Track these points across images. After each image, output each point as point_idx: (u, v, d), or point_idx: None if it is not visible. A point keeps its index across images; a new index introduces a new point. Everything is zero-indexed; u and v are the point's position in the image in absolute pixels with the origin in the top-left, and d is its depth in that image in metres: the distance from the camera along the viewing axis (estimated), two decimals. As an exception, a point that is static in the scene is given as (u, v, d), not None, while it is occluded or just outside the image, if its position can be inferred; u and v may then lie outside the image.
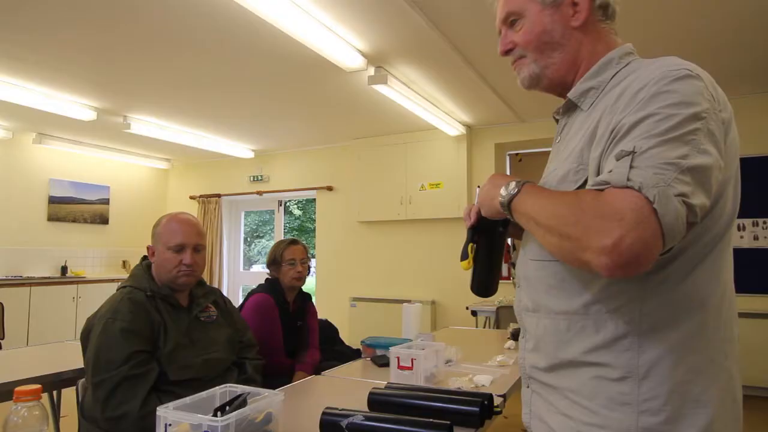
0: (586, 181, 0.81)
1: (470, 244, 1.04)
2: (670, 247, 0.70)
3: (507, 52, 0.98)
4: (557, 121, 1.01)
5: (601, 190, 0.71)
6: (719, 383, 0.79)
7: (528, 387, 0.97)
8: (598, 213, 0.69)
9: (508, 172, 5.83)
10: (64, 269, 6.19)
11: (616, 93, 0.82)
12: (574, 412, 0.83)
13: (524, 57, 0.96)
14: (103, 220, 6.80)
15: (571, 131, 0.92)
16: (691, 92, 0.74)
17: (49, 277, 5.84)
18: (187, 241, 1.75)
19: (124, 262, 6.92)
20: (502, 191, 0.87)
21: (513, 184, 0.85)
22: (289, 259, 2.50)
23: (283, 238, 2.67)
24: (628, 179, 0.68)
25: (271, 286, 2.50)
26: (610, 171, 0.72)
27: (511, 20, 0.96)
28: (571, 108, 0.95)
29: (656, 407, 0.76)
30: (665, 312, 0.77)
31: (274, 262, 2.53)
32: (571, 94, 0.93)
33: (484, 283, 1.08)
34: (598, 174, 0.78)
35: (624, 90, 0.80)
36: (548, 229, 0.76)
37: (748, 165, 4.31)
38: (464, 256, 1.06)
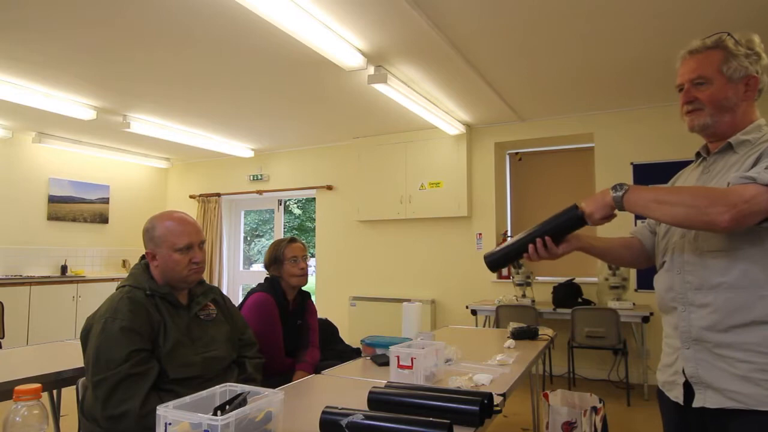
0: None
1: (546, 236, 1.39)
2: None
3: (690, 102, 1.32)
4: (699, 155, 1.38)
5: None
6: None
7: (689, 348, 1.25)
8: (723, 193, 1.12)
9: (507, 172, 5.83)
10: (63, 268, 6.19)
11: (761, 148, 1.21)
12: (753, 357, 1.14)
13: (701, 110, 1.29)
14: (103, 219, 6.80)
15: (725, 167, 1.27)
16: None
17: (48, 277, 5.84)
18: (194, 240, 1.77)
19: (123, 261, 6.93)
20: (612, 193, 1.26)
21: (619, 187, 1.25)
22: (291, 256, 2.50)
23: (280, 238, 2.66)
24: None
25: (270, 285, 2.50)
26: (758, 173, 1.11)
27: (697, 82, 1.29)
28: (727, 150, 1.29)
29: None
30: None
31: (275, 260, 2.52)
32: (732, 140, 1.28)
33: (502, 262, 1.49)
34: None
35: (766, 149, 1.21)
36: (674, 203, 1.16)
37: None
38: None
